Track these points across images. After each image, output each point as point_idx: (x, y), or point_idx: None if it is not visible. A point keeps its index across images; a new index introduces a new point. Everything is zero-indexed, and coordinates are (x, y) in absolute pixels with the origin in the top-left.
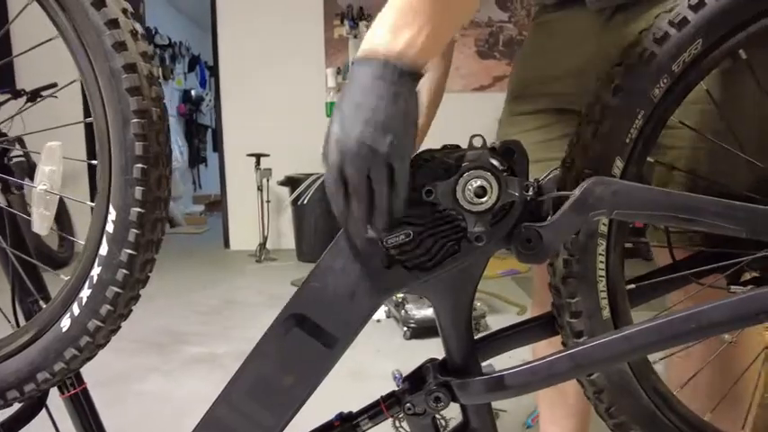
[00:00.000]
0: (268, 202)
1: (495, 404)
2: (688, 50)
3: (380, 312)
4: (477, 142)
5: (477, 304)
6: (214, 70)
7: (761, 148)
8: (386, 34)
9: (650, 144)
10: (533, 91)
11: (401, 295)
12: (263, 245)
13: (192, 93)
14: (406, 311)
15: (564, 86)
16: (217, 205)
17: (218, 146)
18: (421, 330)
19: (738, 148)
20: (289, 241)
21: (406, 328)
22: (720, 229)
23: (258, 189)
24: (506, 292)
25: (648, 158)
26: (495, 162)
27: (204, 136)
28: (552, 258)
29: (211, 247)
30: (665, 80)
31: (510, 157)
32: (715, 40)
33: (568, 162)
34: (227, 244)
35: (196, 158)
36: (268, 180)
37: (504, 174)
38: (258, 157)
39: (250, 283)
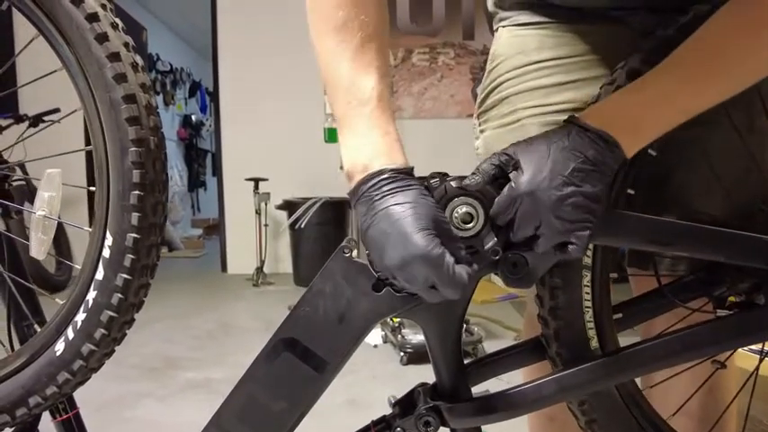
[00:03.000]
0: (266, 226)
1: None
2: None
3: (377, 338)
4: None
5: (475, 329)
6: (214, 96)
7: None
8: (628, 125)
9: (628, 177)
10: (562, 119)
11: (398, 320)
12: (260, 269)
13: (193, 118)
14: (403, 336)
15: None
16: (215, 229)
17: (217, 170)
18: (418, 356)
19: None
20: (286, 265)
21: (402, 354)
22: (699, 255)
23: (256, 213)
24: (504, 317)
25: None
26: (480, 188)
27: (204, 160)
28: (539, 290)
29: (209, 271)
30: None
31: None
32: None
33: None
34: (224, 268)
35: (195, 182)
36: (266, 204)
37: (490, 200)
38: (257, 181)
39: (246, 308)
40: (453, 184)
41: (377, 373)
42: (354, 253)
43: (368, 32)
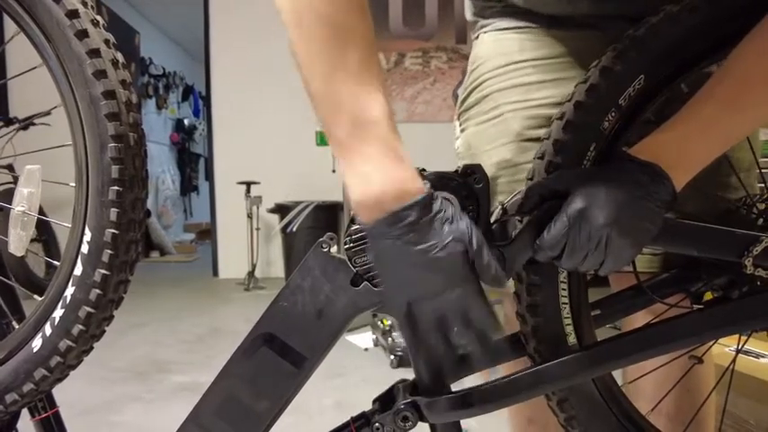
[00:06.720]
0: (258, 229)
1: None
2: (632, 85)
3: (368, 341)
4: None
5: None
6: (207, 100)
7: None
8: (676, 159)
9: None
10: (543, 113)
11: (388, 323)
12: (251, 273)
13: (186, 122)
14: (393, 339)
15: None
16: (208, 234)
17: (209, 174)
18: (408, 358)
19: None
20: (278, 269)
21: (393, 357)
22: (672, 248)
23: (248, 217)
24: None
25: None
26: (456, 184)
27: (196, 165)
28: (516, 287)
29: (200, 276)
30: (613, 114)
31: (472, 179)
32: (657, 76)
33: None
34: (215, 272)
35: (188, 187)
36: (258, 208)
37: (466, 195)
38: (248, 184)
39: (237, 312)
40: (430, 178)
41: (367, 376)
42: (333, 248)
43: (370, 42)
